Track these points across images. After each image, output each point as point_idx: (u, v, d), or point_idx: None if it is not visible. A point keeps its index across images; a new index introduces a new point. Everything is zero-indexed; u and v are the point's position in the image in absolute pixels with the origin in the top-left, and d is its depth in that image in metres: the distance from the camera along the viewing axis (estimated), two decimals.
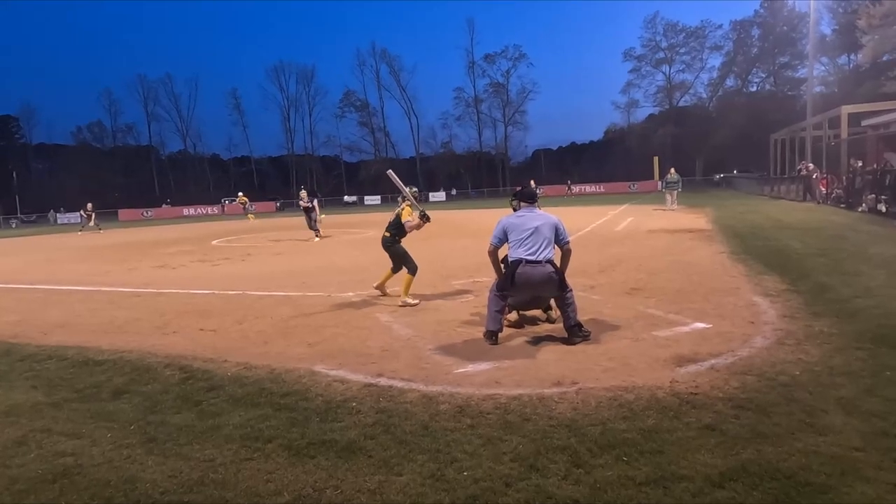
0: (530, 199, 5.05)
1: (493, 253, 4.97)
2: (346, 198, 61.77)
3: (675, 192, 22.44)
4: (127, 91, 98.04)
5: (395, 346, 4.78)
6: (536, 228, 4.76)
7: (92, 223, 31.02)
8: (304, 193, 17.21)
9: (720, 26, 65.08)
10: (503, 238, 4.89)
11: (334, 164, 79.95)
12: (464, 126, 76.92)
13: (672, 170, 23.20)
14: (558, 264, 4.84)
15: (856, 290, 5.85)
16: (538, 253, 4.70)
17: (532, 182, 24.58)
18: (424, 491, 2.45)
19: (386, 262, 7.06)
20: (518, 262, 4.73)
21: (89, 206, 31.47)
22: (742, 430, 2.87)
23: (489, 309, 4.82)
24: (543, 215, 4.92)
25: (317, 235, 16.45)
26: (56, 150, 74.91)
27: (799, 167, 24.37)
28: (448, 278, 8.15)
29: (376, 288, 7.09)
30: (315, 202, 16.73)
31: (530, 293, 4.92)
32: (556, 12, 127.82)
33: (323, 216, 16.77)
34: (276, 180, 76.76)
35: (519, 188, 5.29)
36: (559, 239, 4.85)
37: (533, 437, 2.91)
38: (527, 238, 4.74)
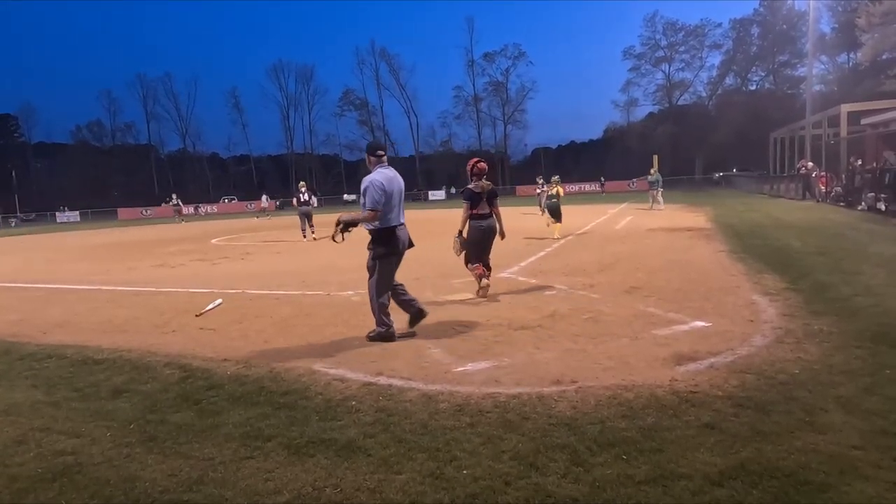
0: (384, 151, 5.03)
1: (374, 219, 4.80)
2: (345, 196, 61.62)
3: (659, 190, 22.34)
4: (126, 90, 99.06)
5: (394, 345, 4.78)
6: (401, 191, 4.95)
7: (179, 216, 32.25)
8: (303, 187, 16.36)
9: (720, 25, 65.24)
10: (385, 200, 4.75)
11: (334, 163, 79.94)
12: (463, 125, 77.02)
13: (652, 169, 23.16)
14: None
15: (855, 289, 5.85)
16: (403, 215, 4.98)
17: (540, 179, 24.55)
18: (424, 489, 2.45)
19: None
20: (394, 227, 4.86)
21: (174, 196, 32.68)
22: (741, 429, 2.87)
23: (381, 306, 4.88)
24: (398, 174, 5.02)
25: (311, 234, 15.72)
26: (55, 149, 74.93)
27: (798, 166, 24.36)
28: (447, 277, 8.14)
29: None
30: (314, 200, 16.35)
31: (402, 254, 5.04)
32: (555, 11, 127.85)
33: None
34: (276, 179, 76.78)
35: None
36: None
37: (532, 435, 2.91)
38: (398, 202, 4.89)
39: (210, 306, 6.43)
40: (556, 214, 12.95)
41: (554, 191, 13.29)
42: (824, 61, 54.12)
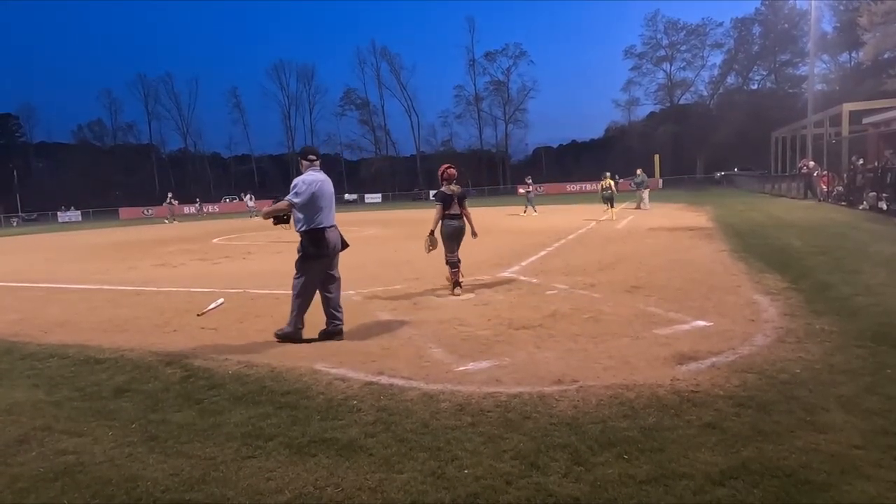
0: (317, 156, 5.17)
1: (289, 208, 4.96)
2: (346, 196, 61.61)
3: (646, 190, 22.73)
4: (127, 90, 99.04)
5: (395, 345, 4.78)
6: (332, 194, 5.08)
7: (172, 216, 32.41)
8: None
9: (721, 24, 65.23)
10: (310, 200, 4.87)
11: (335, 163, 79.92)
12: (464, 124, 77.02)
13: (638, 170, 23.46)
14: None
15: (856, 289, 5.85)
16: (333, 218, 5.09)
17: (528, 179, 24.81)
18: (425, 489, 2.45)
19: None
20: (323, 228, 4.95)
21: (169, 195, 32.88)
22: (743, 428, 2.87)
23: (299, 307, 4.97)
24: (328, 179, 5.13)
25: None
26: (57, 149, 75.10)
27: (800, 165, 24.36)
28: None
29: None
30: None
31: (332, 257, 5.10)
32: (556, 10, 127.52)
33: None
34: (277, 178, 76.85)
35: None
36: None
37: (533, 435, 2.91)
38: (328, 205, 5.00)
39: (211, 306, 6.43)
40: (611, 202, 18.50)
41: (607, 184, 18.30)
42: (826, 60, 54.10)
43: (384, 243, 14.15)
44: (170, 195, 35.63)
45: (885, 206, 14.56)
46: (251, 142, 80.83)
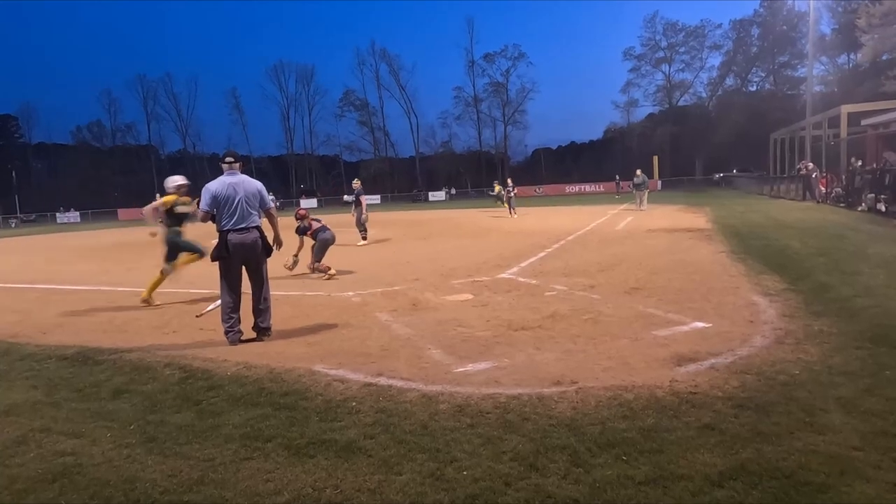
0: (235, 159, 5.27)
1: (205, 219, 5.22)
2: (345, 197, 61.12)
3: (645, 192, 23.01)
4: (126, 90, 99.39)
5: (394, 346, 4.78)
6: (241, 199, 5.08)
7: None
8: (358, 184, 14.51)
9: (720, 25, 65.23)
10: (213, 205, 5.06)
11: (334, 164, 79.92)
12: (463, 125, 76.90)
13: (638, 171, 23.53)
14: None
15: (855, 290, 5.85)
16: (244, 220, 5.09)
17: (509, 180, 25.17)
18: (424, 490, 2.45)
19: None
20: (226, 231, 5.04)
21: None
22: (741, 430, 2.87)
23: (221, 307, 5.17)
24: (248, 181, 5.20)
25: (363, 237, 13.85)
26: (56, 150, 75.11)
27: (799, 166, 24.37)
28: (447, 278, 8.15)
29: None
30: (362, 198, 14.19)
31: (243, 258, 5.16)
32: (555, 11, 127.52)
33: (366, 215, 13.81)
34: (276, 179, 76.86)
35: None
36: (264, 204, 5.27)
37: (532, 436, 2.91)
38: (234, 209, 5.06)
39: (210, 307, 6.43)
40: (501, 200, 23.33)
41: (498, 189, 24.02)
42: (824, 62, 54.15)
43: (383, 244, 14.13)
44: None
45: (883, 208, 14.58)
46: (250, 143, 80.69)
